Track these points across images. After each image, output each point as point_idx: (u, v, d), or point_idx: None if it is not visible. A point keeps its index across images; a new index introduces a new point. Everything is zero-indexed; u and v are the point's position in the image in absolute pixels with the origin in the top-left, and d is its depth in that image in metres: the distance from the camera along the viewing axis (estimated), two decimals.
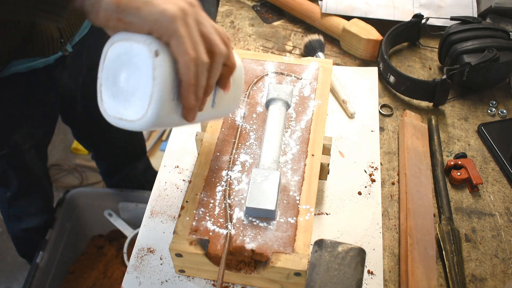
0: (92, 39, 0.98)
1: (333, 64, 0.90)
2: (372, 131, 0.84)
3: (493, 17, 1.00)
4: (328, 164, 0.69)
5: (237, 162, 0.68)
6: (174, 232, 0.60)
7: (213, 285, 0.65)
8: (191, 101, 0.51)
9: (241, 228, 0.61)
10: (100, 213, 1.48)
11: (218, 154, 0.69)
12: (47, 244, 1.32)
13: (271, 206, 0.61)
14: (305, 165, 0.67)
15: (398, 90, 0.90)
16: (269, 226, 0.61)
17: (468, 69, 0.86)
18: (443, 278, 0.67)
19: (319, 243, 0.54)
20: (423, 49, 1.01)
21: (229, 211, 0.62)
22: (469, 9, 1.01)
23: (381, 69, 0.93)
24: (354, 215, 0.72)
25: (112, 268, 1.51)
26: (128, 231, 1.45)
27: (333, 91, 0.89)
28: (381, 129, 0.86)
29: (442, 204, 0.74)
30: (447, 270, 0.66)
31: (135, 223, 1.47)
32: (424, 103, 0.90)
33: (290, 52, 1.01)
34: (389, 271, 0.68)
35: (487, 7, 1.00)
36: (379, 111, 0.88)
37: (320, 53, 0.95)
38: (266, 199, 0.61)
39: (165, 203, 0.74)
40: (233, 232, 0.60)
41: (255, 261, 0.60)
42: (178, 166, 0.79)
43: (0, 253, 1.72)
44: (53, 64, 0.90)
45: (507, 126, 0.86)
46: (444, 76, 0.84)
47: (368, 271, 0.66)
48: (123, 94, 0.51)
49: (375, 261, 0.67)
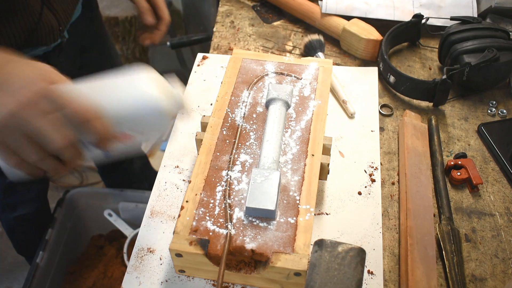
0: (83, 23, 1.03)
1: (333, 64, 0.90)
2: (372, 131, 0.84)
3: (493, 17, 1.00)
4: (328, 164, 0.69)
5: (237, 162, 0.68)
6: (174, 232, 0.60)
7: (213, 285, 0.65)
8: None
9: (241, 228, 0.61)
10: (100, 213, 1.48)
11: (218, 154, 0.69)
12: (47, 244, 1.32)
13: (271, 206, 0.61)
14: (305, 165, 0.67)
15: (398, 90, 0.90)
16: (269, 226, 0.61)
17: (468, 69, 0.86)
18: (443, 278, 0.67)
19: (319, 243, 0.54)
20: (423, 49, 1.01)
21: (229, 211, 0.62)
22: (469, 9, 1.01)
23: (381, 69, 0.93)
24: (354, 215, 0.72)
25: (112, 268, 1.51)
26: (128, 231, 1.45)
27: (333, 91, 0.89)
28: (381, 129, 0.86)
29: (442, 204, 0.74)
30: (447, 270, 0.66)
31: (135, 223, 1.47)
32: (424, 103, 0.90)
33: (290, 52, 1.01)
34: (389, 271, 0.68)
35: (487, 7, 1.00)
36: (379, 111, 0.88)
37: (320, 53, 0.95)
38: (266, 199, 0.61)
39: (165, 203, 0.74)
40: (233, 232, 0.60)
41: (255, 261, 0.60)
42: (178, 166, 0.79)
43: (0, 253, 1.72)
44: (51, 51, 0.94)
45: (507, 126, 0.86)
46: (444, 76, 0.84)
47: (368, 271, 0.66)
48: None
49: (375, 261, 0.67)
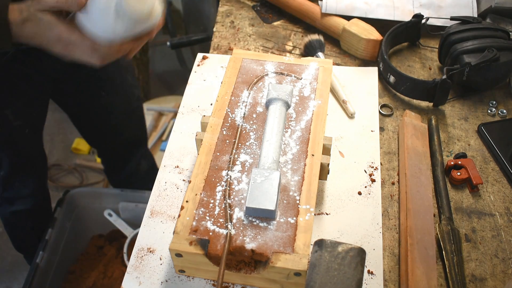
0: None
1: (333, 64, 0.90)
2: (372, 131, 0.84)
3: (493, 17, 1.00)
4: (328, 164, 0.69)
5: (237, 162, 0.68)
6: (174, 232, 0.60)
7: (213, 285, 0.65)
8: None
9: (241, 228, 0.61)
10: (100, 213, 1.48)
11: (218, 154, 0.69)
12: (47, 244, 1.32)
13: (271, 206, 0.61)
14: (305, 165, 0.67)
15: (398, 90, 0.90)
16: (269, 226, 0.61)
17: (468, 69, 0.86)
18: (443, 278, 0.67)
19: (319, 243, 0.54)
20: (423, 49, 1.01)
21: (229, 211, 0.62)
22: (469, 9, 1.01)
23: (381, 69, 0.93)
24: (354, 215, 0.72)
25: (112, 268, 1.51)
26: (128, 231, 1.45)
27: (333, 91, 0.89)
28: (381, 129, 0.86)
29: (442, 204, 0.74)
30: (447, 270, 0.66)
31: (135, 223, 1.47)
32: (424, 103, 0.90)
33: (290, 52, 1.01)
34: (389, 271, 0.68)
35: (487, 7, 1.00)
36: (379, 111, 0.88)
37: (320, 53, 0.95)
38: (266, 199, 0.61)
39: (165, 203, 0.74)
40: (233, 232, 0.60)
41: (255, 261, 0.61)
42: (178, 166, 0.79)
43: (0, 253, 1.72)
44: None
45: (507, 126, 0.86)
46: (444, 76, 0.84)
47: (368, 271, 0.66)
48: None
49: (375, 261, 0.67)
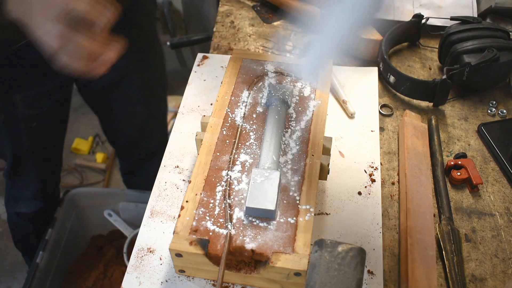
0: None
1: (333, 64, 0.90)
2: (372, 131, 0.84)
3: (493, 17, 1.00)
4: (328, 164, 0.69)
5: (237, 162, 0.68)
6: (174, 232, 0.60)
7: (213, 285, 0.65)
8: None
9: (241, 228, 0.61)
10: (100, 213, 1.48)
11: (218, 154, 0.69)
12: (47, 244, 1.32)
13: (271, 206, 0.61)
14: (305, 165, 0.67)
15: (398, 90, 0.90)
16: (269, 226, 0.61)
17: (468, 69, 0.86)
18: (443, 278, 0.67)
19: (319, 243, 0.54)
20: (423, 49, 1.01)
21: (229, 211, 0.62)
22: (469, 9, 1.01)
23: (381, 69, 0.93)
24: (354, 215, 0.72)
25: (112, 268, 1.51)
26: (128, 231, 1.45)
27: (333, 91, 0.89)
28: (381, 129, 0.86)
29: (442, 204, 0.74)
30: (447, 270, 0.66)
31: (135, 223, 1.47)
32: (424, 103, 0.90)
33: (290, 52, 1.01)
34: (389, 271, 0.68)
35: (487, 7, 1.00)
36: (379, 111, 0.88)
37: None
38: (266, 199, 0.61)
39: (165, 203, 0.74)
40: (233, 232, 0.60)
41: (255, 261, 0.60)
42: (178, 166, 0.79)
43: (0, 253, 1.72)
44: None
45: (507, 126, 0.86)
46: (444, 76, 0.84)
47: (368, 271, 0.66)
48: None
49: (375, 261, 0.67)
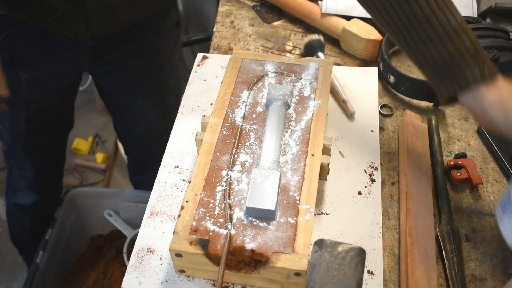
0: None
1: (333, 64, 0.90)
2: (372, 131, 0.84)
3: (493, 17, 1.00)
4: (328, 164, 0.69)
5: (237, 162, 0.68)
6: (174, 232, 0.60)
7: (213, 285, 0.65)
8: None
9: (241, 228, 0.61)
10: (100, 213, 1.48)
11: (218, 154, 0.69)
12: (47, 244, 1.32)
13: (271, 206, 0.61)
14: (305, 165, 0.67)
15: (398, 90, 0.90)
16: (269, 226, 0.61)
17: None
18: (443, 278, 0.67)
19: (319, 243, 0.54)
20: None
21: (229, 211, 0.62)
22: (469, 9, 1.00)
23: (381, 69, 0.93)
24: (354, 215, 0.72)
25: (112, 268, 1.51)
26: (128, 231, 1.45)
27: (333, 91, 0.89)
28: (381, 129, 0.86)
29: (442, 204, 0.74)
30: (447, 270, 0.66)
31: (135, 223, 1.47)
32: (424, 103, 0.90)
33: (290, 52, 1.01)
34: (389, 271, 0.68)
35: (487, 7, 1.00)
36: (379, 111, 0.88)
37: (320, 53, 0.95)
38: (266, 199, 0.61)
39: (165, 203, 0.74)
40: (233, 232, 0.60)
41: (255, 261, 0.60)
42: (178, 166, 0.79)
43: (0, 253, 1.72)
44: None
45: None
46: None
47: (368, 271, 0.66)
48: None
49: (375, 261, 0.67)
